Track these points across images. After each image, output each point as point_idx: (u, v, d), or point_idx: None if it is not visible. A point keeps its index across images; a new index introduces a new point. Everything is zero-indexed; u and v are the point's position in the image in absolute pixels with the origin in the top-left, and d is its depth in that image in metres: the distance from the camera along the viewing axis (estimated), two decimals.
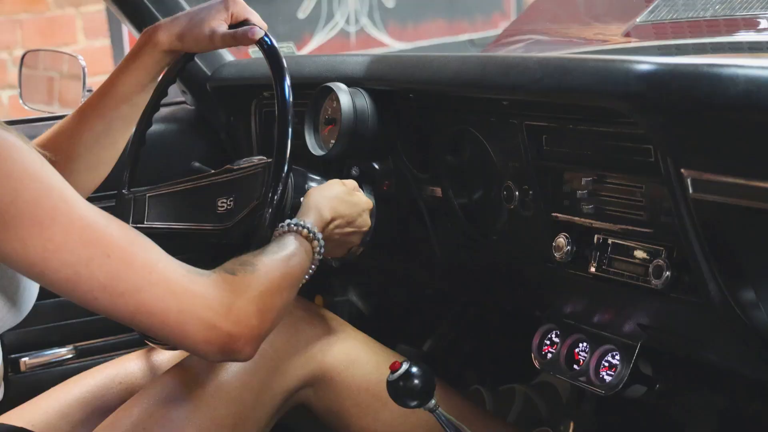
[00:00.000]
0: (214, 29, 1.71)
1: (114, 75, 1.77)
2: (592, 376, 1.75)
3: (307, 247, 1.62)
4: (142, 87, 1.77)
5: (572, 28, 2.45)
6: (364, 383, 1.82)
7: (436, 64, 1.75)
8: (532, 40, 2.46)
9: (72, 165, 1.77)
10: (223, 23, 1.71)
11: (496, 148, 1.76)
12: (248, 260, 1.50)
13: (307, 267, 1.62)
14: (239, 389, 1.71)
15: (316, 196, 1.71)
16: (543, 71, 1.53)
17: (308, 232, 1.62)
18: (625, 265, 1.57)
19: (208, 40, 1.72)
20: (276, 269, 1.51)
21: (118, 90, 1.76)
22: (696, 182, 1.38)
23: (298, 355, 1.79)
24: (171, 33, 1.73)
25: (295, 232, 1.61)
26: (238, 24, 1.72)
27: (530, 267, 1.79)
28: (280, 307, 1.50)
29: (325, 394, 1.82)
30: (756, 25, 1.93)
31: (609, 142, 1.55)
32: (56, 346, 2.25)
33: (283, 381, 1.77)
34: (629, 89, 1.39)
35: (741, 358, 1.57)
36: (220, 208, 1.82)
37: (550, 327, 1.84)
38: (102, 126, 1.77)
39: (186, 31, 1.72)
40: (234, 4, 1.72)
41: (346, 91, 1.89)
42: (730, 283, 1.42)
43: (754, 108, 1.28)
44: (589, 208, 1.60)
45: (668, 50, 1.94)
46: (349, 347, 1.84)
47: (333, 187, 1.76)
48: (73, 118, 1.79)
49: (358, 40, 6.31)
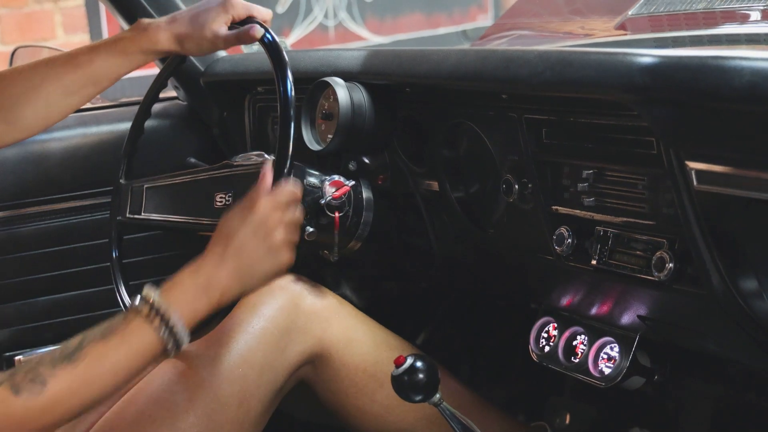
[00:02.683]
0: (216, 32, 1.69)
1: (94, 54, 1.71)
2: (591, 369, 1.75)
3: (143, 331, 1.41)
4: (118, 77, 1.73)
5: (561, 22, 2.46)
6: (362, 363, 1.83)
7: (435, 58, 1.75)
8: (518, 34, 2.46)
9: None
10: (224, 25, 1.70)
11: (494, 141, 1.76)
12: (40, 372, 1.34)
13: (151, 353, 1.42)
14: (242, 367, 1.71)
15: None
16: (544, 64, 1.53)
17: (149, 309, 1.42)
18: (627, 257, 1.57)
19: (211, 43, 1.71)
20: (73, 380, 1.35)
21: (94, 70, 1.71)
22: (700, 174, 1.38)
23: (298, 332, 1.79)
24: (171, 35, 1.71)
25: (134, 310, 1.43)
26: (240, 22, 1.71)
27: (529, 260, 1.79)
28: (88, 404, 1.39)
29: (324, 371, 1.83)
30: (748, 17, 1.94)
31: (610, 134, 1.55)
32: (50, 344, 2.25)
33: (284, 357, 1.77)
34: (633, 81, 1.39)
35: (742, 348, 1.58)
36: (218, 202, 1.82)
37: (548, 320, 1.85)
38: (56, 94, 1.71)
39: (186, 35, 1.70)
40: (233, 6, 1.70)
41: (343, 85, 1.89)
42: (732, 274, 1.43)
43: (759, 100, 1.28)
44: (590, 200, 1.60)
45: (664, 42, 1.94)
46: (348, 325, 1.85)
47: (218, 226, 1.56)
48: (26, 68, 1.72)
49: (336, 34, 6.31)
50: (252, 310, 1.73)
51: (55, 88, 1.70)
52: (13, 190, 2.20)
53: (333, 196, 1.83)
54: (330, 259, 1.93)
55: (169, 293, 1.44)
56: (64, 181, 2.24)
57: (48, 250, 2.24)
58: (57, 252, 2.25)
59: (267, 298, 1.79)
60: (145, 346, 1.41)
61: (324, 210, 1.83)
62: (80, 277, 2.27)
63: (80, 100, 1.73)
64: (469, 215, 1.88)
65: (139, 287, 1.90)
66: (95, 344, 1.38)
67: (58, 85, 1.70)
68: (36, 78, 1.70)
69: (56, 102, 1.71)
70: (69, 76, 1.70)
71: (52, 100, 1.70)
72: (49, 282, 2.25)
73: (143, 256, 2.27)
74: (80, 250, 2.26)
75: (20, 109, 1.70)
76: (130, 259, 1.96)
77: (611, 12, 2.24)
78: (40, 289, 2.24)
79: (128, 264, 1.94)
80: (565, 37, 2.35)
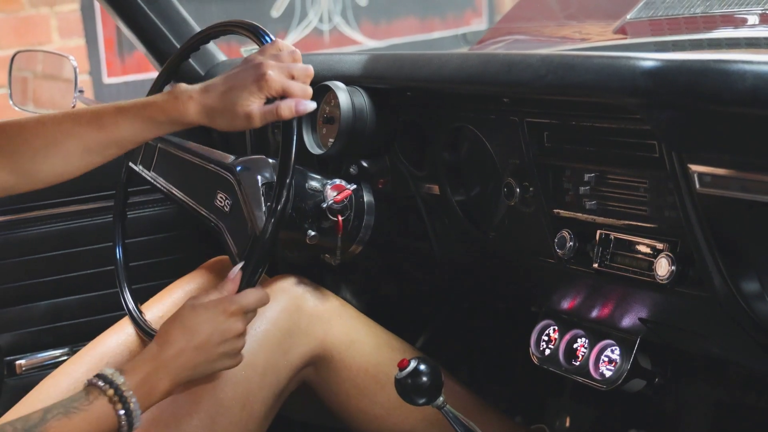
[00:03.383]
0: (249, 114, 1.57)
1: (120, 113, 1.62)
2: (592, 371, 1.76)
3: (106, 413, 1.46)
4: (142, 140, 1.65)
5: (558, 26, 2.46)
6: (364, 365, 1.84)
7: (437, 62, 1.75)
8: (516, 39, 2.47)
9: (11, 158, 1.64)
10: (259, 104, 1.58)
11: (495, 144, 1.77)
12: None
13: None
14: (244, 369, 1.71)
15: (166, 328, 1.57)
16: (547, 68, 1.53)
17: (114, 392, 1.47)
18: (629, 260, 1.58)
19: (244, 123, 1.59)
20: None
21: (119, 131, 1.62)
22: (703, 177, 1.39)
23: (300, 333, 1.80)
24: (202, 108, 1.59)
25: (98, 389, 1.47)
26: None
27: (530, 263, 1.79)
28: None
29: (325, 373, 1.84)
30: (747, 21, 1.95)
31: (612, 137, 1.55)
32: (51, 348, 2.25)
33: (286, 359, 1.78)
34: (636, 85, 1.40)
35: (744, 351, 1.58)
36: (218, 201, 1.83)
37: (548, 323, 1.86)
38: (77, 152, 1.64)
39: (218, 112, 1.59)
40: (269, 85, 1.57)
41: (344, 89, 1.89)
42: (734, 276, 1.43)
43: (761, 103, 1.28)
44: (592, 204, 1.61)
45: (665, 46, 1.95)
46: (350, 327, 1.85)
47: (179, 312, 1.59)
48: (50, 121, 1.65)
49: (331, 39, 6.32)
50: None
51: (76, 145, 1.62)
52: (14, 194, 2.19)
53: (335, 199, 1.84)
54: (331, 263, 1.94)
55: (131, 378, 1.49)
56: (65, 186, 2.21)
57: (50, 254, 2.24)
58: (59, 256, 2.25)
59: (269, 300, 1.79)
60: (106, 425, 1.46)
61: (326, 214, 1.83)
62: (82, 281, 2.27)
63: (100, 160, 1.66)
64: (470, 218, 1.89)
65: (142, 291, 1.92)
66: (58, 420, 1.43)
67: (79, 143, 1.62)
68: (59, 134, 1.63)
69: (75, 160, 1.64)
70: (92, 135, 1.62)
71: (72, 157, 1.64)
72: (51, 286, 2.26)
73: (146, 260, 2.27)
74: (82, 254, 2.26)
75: (38, 163, 1.64)
76: (133, 262, 1.97)
77: (609, 16, 2.25)
78: (42, 293, 2.24)
79: (131, 267, 1.95)
80: (563, 41, 2.36)
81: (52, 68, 2.30)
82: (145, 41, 2.18)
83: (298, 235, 1.83)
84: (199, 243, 2.27)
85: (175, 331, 1.55)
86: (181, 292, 1.94)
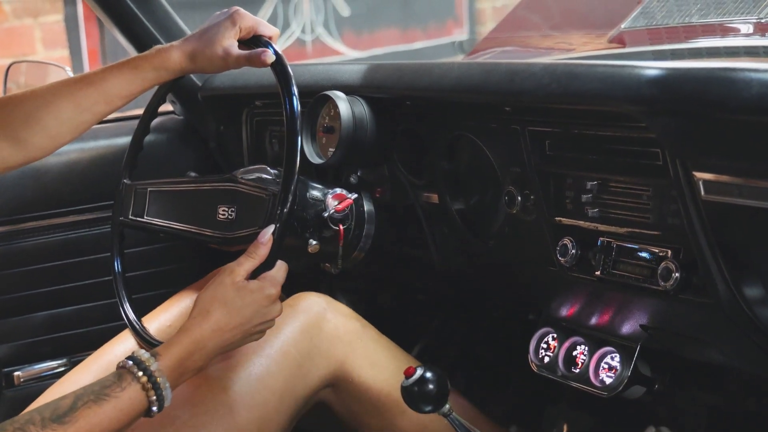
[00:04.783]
0: (227, 49, 1.70)
1: (107, 72, 1.71)
2: (592, 378, 1.76)
3: (138, 397, 1.46)
4: (130, 95, 1.73)
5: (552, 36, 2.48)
6: (385, 387, 1.82)
7: (438, 71, 1.76)
8: (509, 50, 2.48)
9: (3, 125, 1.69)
10: (234, 40, 1.71)
11: (496, 153, 1.78)
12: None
13: (139, 415, 1.47)
14: (263, 393, 1.70)
15: (203, 303, 1.56)
16: (550, 77, 1.54)
17: (148, 379, 1.46)
18: (631, 267, 1.59)
19: (222, 60, 1.71)
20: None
21: (107, 87, 1.70)
22: (708, 184, 1.40)
23: (320, 356, 1.78)
24: (182, 52, 1.71)
25: (131, 375, 1.46)
26: (248, 39, 1.72)
27: (531, 271, 1.80)
28: None
29: (345, 394, 1.82)
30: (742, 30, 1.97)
31: (615, 146, 1.56)
32: (49, 359, 2.24)
33: (305, 382, 1.76)
34: (641, 93, 1.41)
35: (747, 356, 1.59)
36: (221, 215, 1.83)
37: (547, 330, 1.86)
38: (67, 110, 1.70)
39: (198, 52, 1.71)
40: (241, 18, 1.71)
41: (344, 99, 1.90)
42: (738, 281, 1.44)
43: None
44: (594, 211, 1.62)
45: (663, 55, 1.97)
46: (371, 349, 1.84)
47: (220, 288, 1.57)
48: (41, 87, 1.72)
49: (314, 49, 6.33)
50: (274, 331, 1.68)
51: (66, 104, 1.69)
52: (12, 205, 2.20)
53: (336, 209, 1.84)
54: (331, 272, 1.94)
55: (165, 362, 1.48)
56: (63, 196, 2.24)
57: (48, 264, 2.24)
58: (57, 266, 2.25)
59: (290, 320, 1.78)
60: (136, 411, 1.46)
61: (327, 223, 1.84)
62: (80, 291, 2.26)
63: (92, 118, 1.72)
64: (469, 227, 1.89)
65: (141, 301, 1.92)
66: (89, 408, 1.41)
67: (69, 101, 1.69)
68: (48, 95, 1.70)
69: (67, 119, 1.70)
70: (81, 92, 1.70)
71: (64, 117, 1.69)
72: (48, 297, 2.25)
73: (144, 270, 2.27)
74: (80, 264, 2.26)
75: (31, 127, 1.69)
76: (131, 273, 1.96)
77: (603, 26, 2.26)
78: (39, 304, 2.24)
79: (130, 278, 1.94)
80: (557, 51, 2.37)
81: (47, 79, 2.29)
82: (140, 49, 2.18)
83: (300, 244, 1.83)
84: (198, 253, 2.26)
85: (218, 311, 1.53)
86: (184, 304, 1.92)
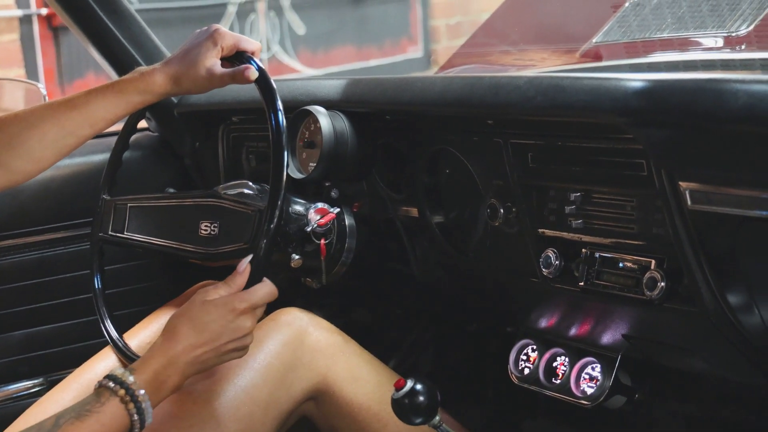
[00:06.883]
0: (210, 69, 1.68)
1: (91, 95, 1.70)
2: (573, 389, 1.77)
3: (118, 413, 1.46)
4: (114, 119, 1.71)
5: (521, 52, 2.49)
6: (366, 401, 1.82)
7: (419, 85, 1.77)
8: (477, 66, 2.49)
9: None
10: (217, 60, 1.69)
11: (477, 166, 1.79)
12: None
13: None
14: (248, 405, 1.70)
15: (173, 324, 1.56)
16: (535, 90, 1.56)
17: (125, 392, 1.46)
18: (615, 277, 1.60)
19: (207, 81, 1.69)
20: None
21: (91, 111, 1.69)
22: (694, 194, 1.42)
23: (303, 367, 1.79)
24: (166, 75, 1.69)
25: (109, 391, 1.46)
26: (231, 55, 1.71)
27: (513, 283, 1.81)
28: None
29: (327, 408, 1.82)
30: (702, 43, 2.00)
31: (598, 157, 1.58)
32: (26, 378, 2.22)
33: (289, 394, 1.76)
34: (628, 105, 1.43)
35: (729, 364, 1.61)
36: (203, 231, 1.82)
37: (527, 342, 1.87)
38: (52, 133, 1.69)
39: (181, 74, 1.69)
40: (222, 37, 1.69)
41: (325, 114, 1.90)
42: (723, 290, 1.46)
43: (755, 121, 1.32)
44: (578, 222, 1.63)
45: (640, 68, 1.99)
46: (353, 363, 1.84)
47: (188, 306, 1.58)
48: (25, 110, 1.71)
49: (270, 67, 6.33)
50: (257, 345, 1.71)
51: (50, 126, 1.68)
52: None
53: (318, 223, 1.84)
54: (313, 286, 1.94)
55: (141, 376, 1.48)
56: (38, 214, 2.22)
57: (24, 283, 2.21)
58: (33, 285, 2.22)
59: (273, 333, 1.78)
60: (119, 425, 1.45)
61: (310, 237, 1.84)
62: (57, 310, 2.24)
63: (75, 141, 1.71)
64: (449, 240, 1.90)
65: (122, 318, 1.90)
66: (71, 424, 1.42)
67: (54, 124, 1.68)
68: (32, 118, 1.68)
69: (51, 142, 1.69)
70: (65, 115, 1.68)
71: (48, 140, 1.68)
72: (25, 316, 2.22)
73: (123, 287, 2.26)
74: (57, 282, 2.24)
75: (14, 150, 1.68)
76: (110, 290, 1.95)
77: (573, 40, 2.28)
78: (16, 323, 2.21)
79: (108, 294, 1.93)
80: (528, 66, 2.39)
81: (19, 97, 2.28)
82: (118, 67, 2.17)
83: (282, 258, 1.83)
84: (176, 269, 2.26)
85: (184, 328, 1.53)
86: (164, 320, 1.91)
